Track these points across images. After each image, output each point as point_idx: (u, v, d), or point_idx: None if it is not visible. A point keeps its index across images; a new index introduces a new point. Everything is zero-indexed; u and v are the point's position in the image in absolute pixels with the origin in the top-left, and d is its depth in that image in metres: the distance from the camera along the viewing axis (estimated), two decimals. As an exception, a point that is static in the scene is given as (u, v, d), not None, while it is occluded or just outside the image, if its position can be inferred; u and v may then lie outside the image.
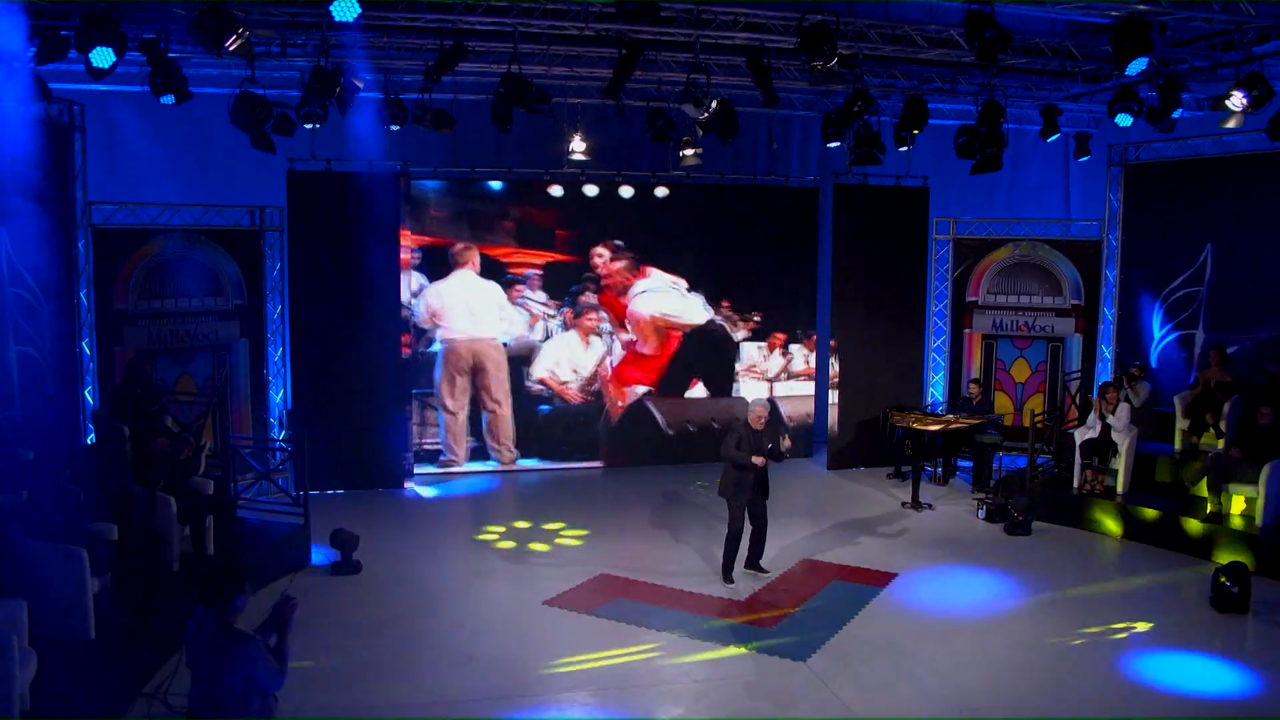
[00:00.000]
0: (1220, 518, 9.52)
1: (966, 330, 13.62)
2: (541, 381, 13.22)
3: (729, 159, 13.86)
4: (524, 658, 7.32)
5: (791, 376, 14.11)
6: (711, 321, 13.74)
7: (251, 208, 11.55)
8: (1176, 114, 10.27)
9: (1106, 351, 12.70)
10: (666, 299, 13.66)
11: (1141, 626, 7.99)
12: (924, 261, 13.69)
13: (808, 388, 14.19)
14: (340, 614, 8.12)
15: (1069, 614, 8.27)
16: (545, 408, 13.27)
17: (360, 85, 9.38)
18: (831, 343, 13.55)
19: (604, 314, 13.41)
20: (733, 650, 7.51)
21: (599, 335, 13.40)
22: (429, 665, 7.17)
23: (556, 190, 12.81)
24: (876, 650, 7.55)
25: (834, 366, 13.56)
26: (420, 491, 12.15)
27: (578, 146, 12.36)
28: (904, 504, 11.57)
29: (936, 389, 14.00)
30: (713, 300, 13.71)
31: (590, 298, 13.32)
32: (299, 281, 11.69)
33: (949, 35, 9.81)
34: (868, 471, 13.16)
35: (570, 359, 13.33)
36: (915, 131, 11.08)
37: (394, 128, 10.99)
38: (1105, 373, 12.64)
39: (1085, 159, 12.45)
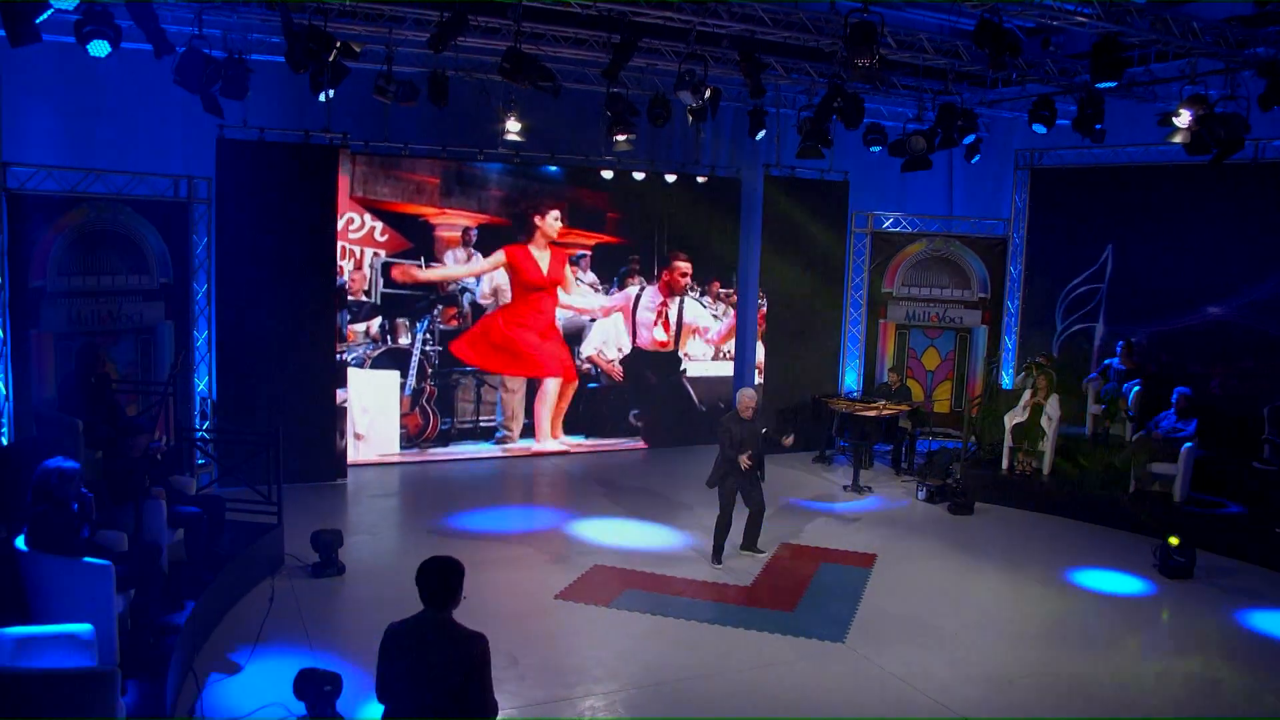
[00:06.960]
0: (1146, 494, 10.54)
1: (881, 320, 14.30)
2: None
3: (644, 146, 13.86)
4: (565, 656, 7.14)
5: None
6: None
7: (177, 177, 10.44)
8: (1099, 126, 11.18)
9: (1009, 342, 13.70)
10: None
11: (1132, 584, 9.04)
12: (843, 253, 14.24)
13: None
14: (349, 617, 7.62)
15: (1052, 580, 9.02)
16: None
17: (358, 51, 8.67)
18: (759, 330, 13.91)
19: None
20: (767, 635, 7.63)
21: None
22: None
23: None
24: (902, 625, 7.87)
25: (759, 355, 13.95)
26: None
27: (512, 127, 12.05)
28: (845, 487, 12.04)
29: (849, 376, 14.62)
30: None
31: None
32: (228, 259, 10.72)
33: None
34: (791, 455, 13.56)
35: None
36: (855, 129, 11.53)
37: (330, 94, 10.23)
38: (1008, 362, 13.64)
39: (976, 159, 13.25)
